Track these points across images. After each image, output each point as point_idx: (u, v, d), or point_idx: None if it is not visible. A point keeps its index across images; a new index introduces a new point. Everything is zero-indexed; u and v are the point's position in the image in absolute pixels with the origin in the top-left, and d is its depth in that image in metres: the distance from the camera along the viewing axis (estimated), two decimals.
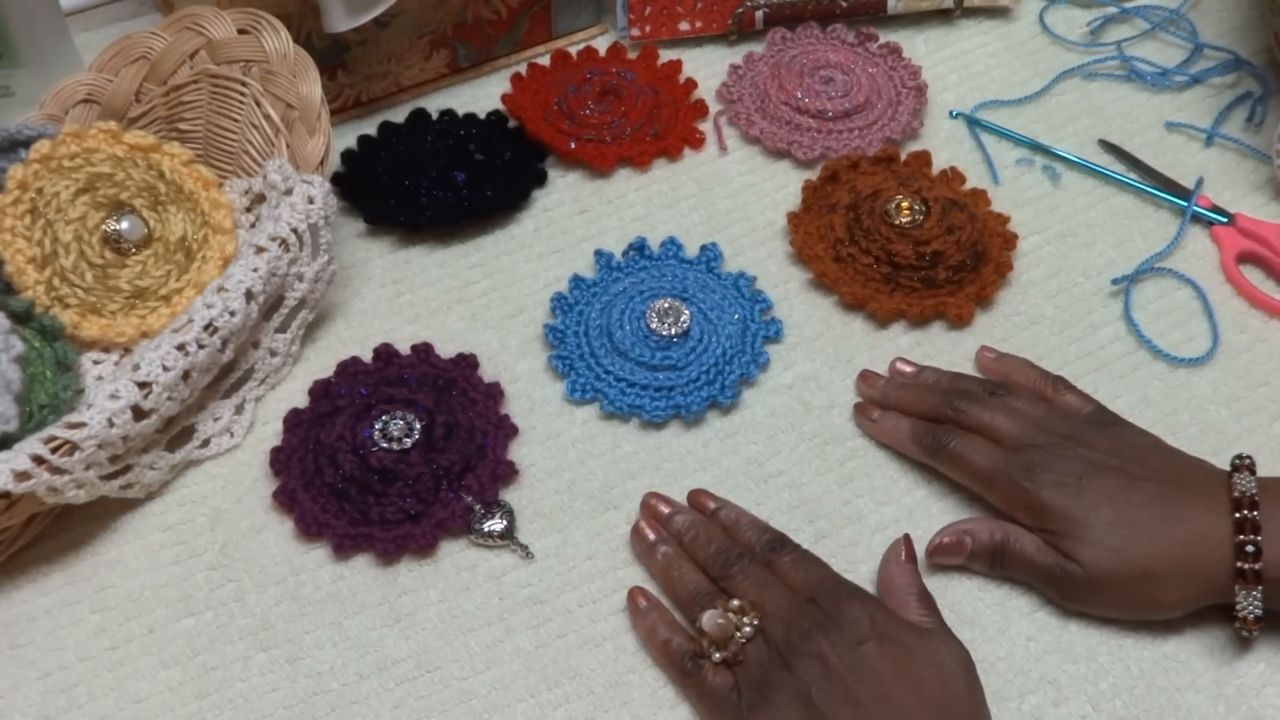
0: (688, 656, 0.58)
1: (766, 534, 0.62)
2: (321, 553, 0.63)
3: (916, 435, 0.65)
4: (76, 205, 0.69)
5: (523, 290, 0.75)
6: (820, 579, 0.58)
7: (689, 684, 0.58)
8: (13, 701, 0.58)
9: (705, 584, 0.60)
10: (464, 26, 0.83)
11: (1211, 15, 0.91)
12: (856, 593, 0.58)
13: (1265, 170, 0.81)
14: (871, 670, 0.54)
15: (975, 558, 0.62)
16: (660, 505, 0.64)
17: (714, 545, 0.61)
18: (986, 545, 0.62)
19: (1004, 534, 0.61)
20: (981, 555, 0.62)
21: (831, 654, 0.55)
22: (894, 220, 0.74)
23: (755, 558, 0.60)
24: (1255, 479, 0.59)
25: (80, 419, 0.59)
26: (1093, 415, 0.65)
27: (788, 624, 0.56)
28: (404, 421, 0.65)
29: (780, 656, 0.56)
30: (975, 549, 0.62)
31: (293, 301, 0.69)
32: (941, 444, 0.64)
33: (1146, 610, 0.60)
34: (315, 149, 0.70)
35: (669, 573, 0.61)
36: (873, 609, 0.57)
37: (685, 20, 0.87)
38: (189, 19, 0.74)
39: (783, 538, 0.61)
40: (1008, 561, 0.61)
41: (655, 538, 0.63)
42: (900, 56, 0.86)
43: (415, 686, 0.59)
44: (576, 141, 0.80)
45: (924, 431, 0.65)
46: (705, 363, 0.69)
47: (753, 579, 0.59)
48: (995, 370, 0.70)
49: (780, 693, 0.55)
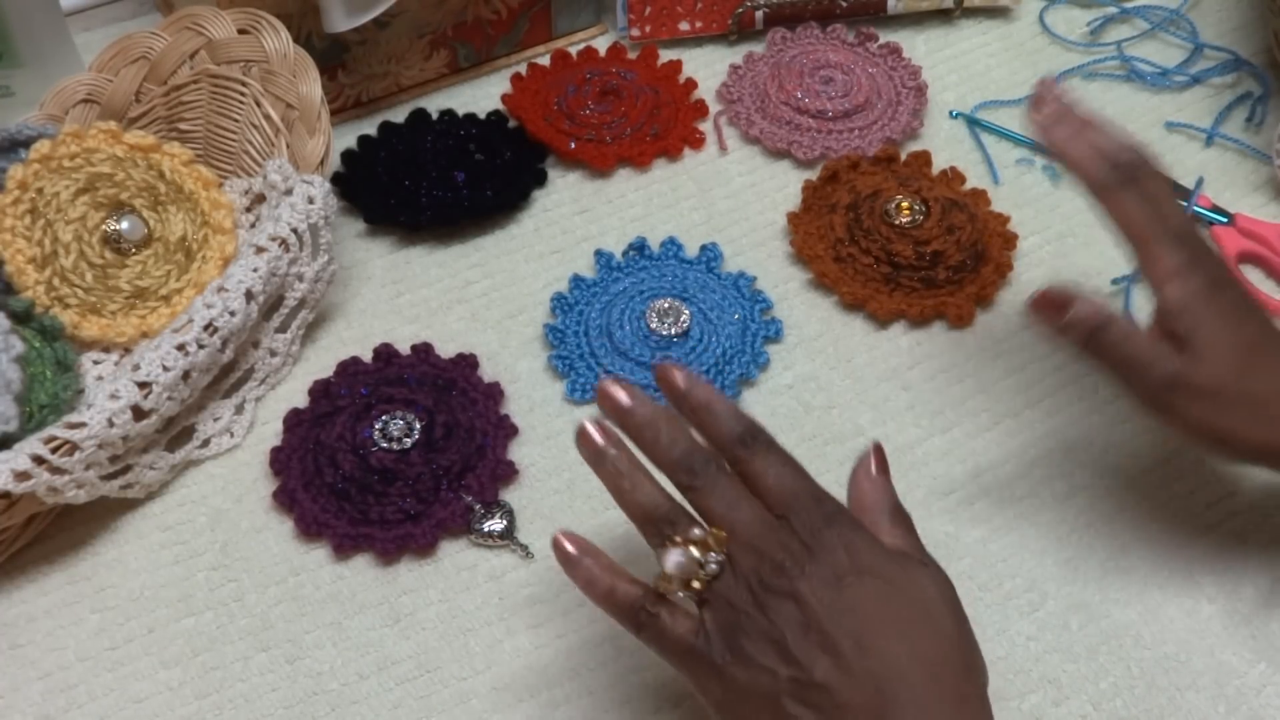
0: (639, 606, 0.51)
1: (740, 424, 0.53)
2: (321, 553, 0.63)
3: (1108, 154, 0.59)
4: (76, 205, 0.69)
5: (523, 290, 0.75)
6: (795, 492, 0.52)
7: (646, 635, 0.51)
8: (13, 701, 0.58)
9: (663, 500, 0.52)
10: (464, 26, 0.83)
11: (1211, 15, 0.91)
12: (835, 515, 0.51)
13: (1265, 170, 0.81)
14: (852, 612, 0.49)
15: (1074, 325, 0.57)
16: (619, 393, 0.54)
17: (678, 447, 0.52)
18: (1093, 313, 0.57)
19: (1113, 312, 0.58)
20: (1082, 324, 0.57)
21: (807, 593, 0.49)
22: (894, 220, 0.74)
23: (727, 456, 0.53)
24: None
25: (80, 419, 0.59)
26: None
27: (759, 553, 0.50)
28: (404, 421, 0.65)
29: (750, 594, 0.50)
30: (1079, 314, 0.57)
31: (293, 301, 0.69)
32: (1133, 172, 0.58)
33: (1224, 441, 0.57)
34: (315, 149, 0.70)
35: (620, 486, 0.53)
36: (851, 535, 0.51)
37: (685, 20, 0.87)
38: (189, 19, 0.74)
39: (755, 429, 0.53)
40: (1110, 336, 0.57)
41: (603, 442, 0.54)
42: (900, 56, 0.86)
43: (415, 686, 0.59)
44: (576, 141, 0.80)
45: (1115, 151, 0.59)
46: (705, 363, 0.69)
47: (721, 493, 0.52)
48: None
49: (751, 638, 0.49)
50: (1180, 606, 0.62)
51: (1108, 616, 0.62)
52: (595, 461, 0.54)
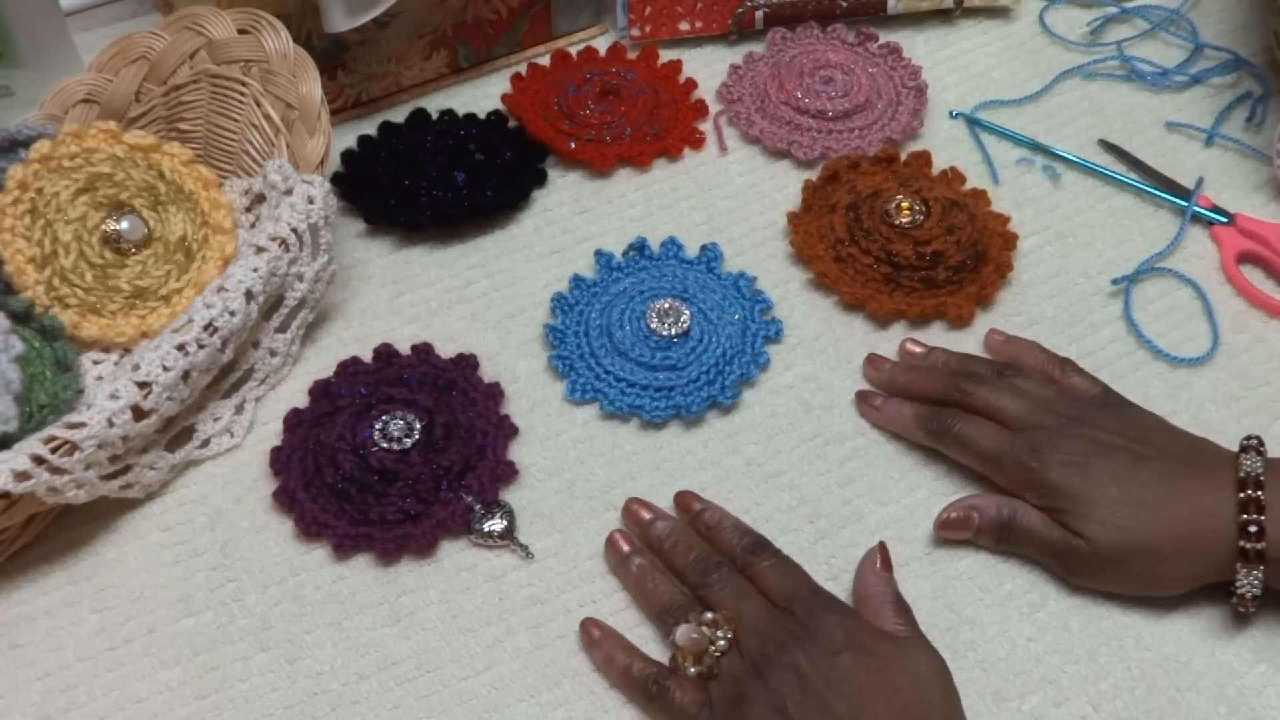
0: (651, 680, 0.57)
1: (747, 538, 0.61)
2: (321, 553, 0.63)
3: (921, 420, 0.66)
4: (76, 205, 0.69)
5: (523, 290, 0.75)
6: (797, 587, 0.58)
7: (656, 707, 0.57)
8: (13, 701, 0.58)
9: (679, 596, 0.60)
10: (464, 26, 0.83)
11: (1211, 15, 0.91)
12: (832, 604, 0.58)
13: (1265, 170, 0.81)
14: (846, 681, 0.54)
15: (982, 533, 0.62)
16: (642, 511, 0.64)
17: (693, 553, 0.61)
18: (994, 520, 0.62)
19: (1011, 509, 0.62)
20: (988, 530, 0.62)
21: (806, 665, 0.54)
22: (894, 220, 0.74)
23: (735, 564, 0.60)
24: (1263, 459, 0.59)
25: (80, 419, 0.59)
26: (1099, 396, 0.65)
27: (763, 635, 0.56)
28: (404, 421, 0.65)
29: (754, 669, 0.55)
30: (982, 524, 0.62)
31: (293, 301, 0.69)
32: (946, 427, 0.64)
33: (1150, 586, 0.60)
34: (315, 149, 0.70)
35: (643, 585, 0.61)
36: (847, 620, 0.56)
37: (685, 20, 0.87)
38: (189, 19, 0.74)
39: (763, 541, 0.61)
40: (1015, 536, 0.62)
41: (629, 549, 0.62)
42: (900, 56, 0.86)
43: (415, 686, 0.59)
44: (576, 141, 0.80)
45: (928, 416, 0.65)
46: (705, 363, 0.69)
47: (730, 589, 0.59)
48: (1003, 352, 0.70)
49: (755, 706, 0.54)
50: (1180, 607, 0.62)
51: (1108, 617, 0.62)
52: (621, 565, 0.62)
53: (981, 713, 0.59)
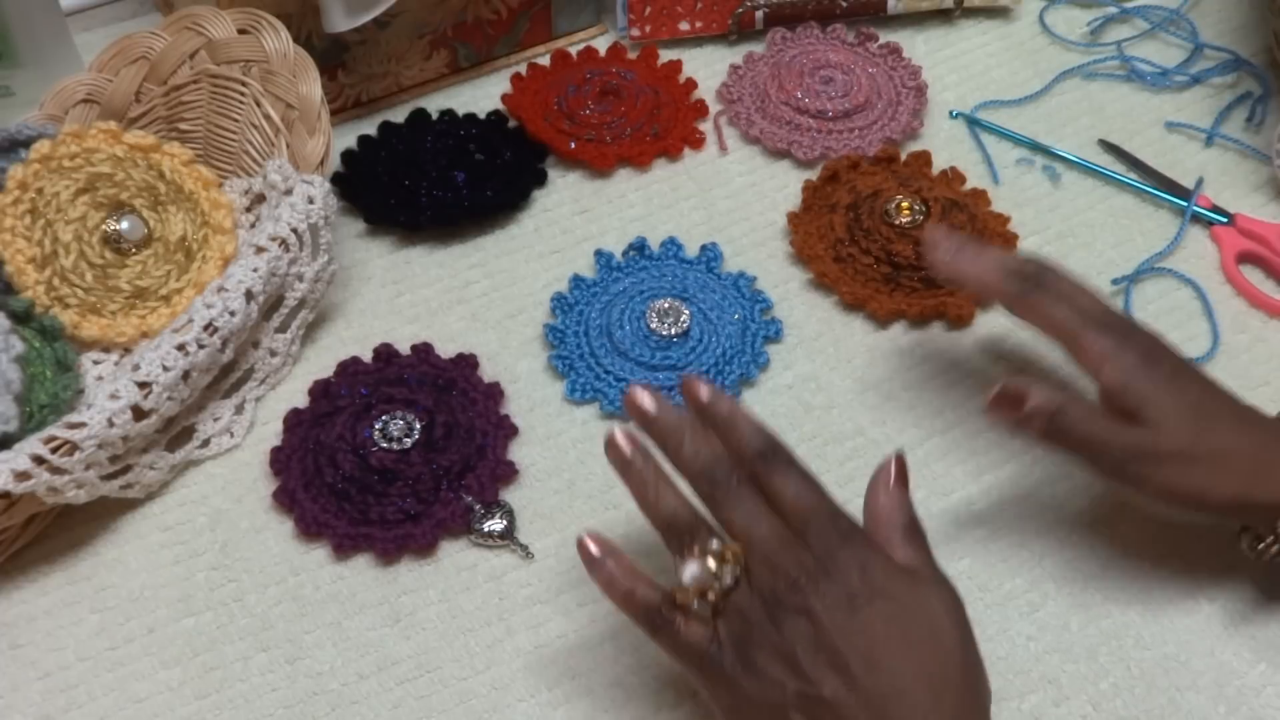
0: (656, 609, 0.53)
1: (761, 439, 0.55)
2: (321, 553, 0.63)
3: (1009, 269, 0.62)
4: (76, 205, 0.69)
5: (523, 290, 0.75)
6: (813, 506, 0.53)
7: (662, 639, 0.53)
8: (13, 701, 0.58)
9: (684, 510, 0.54)
10: (464, 26, 0.83)
11: (1211, 15, 0.91)
12: (850, 534, 0.52)
13: (1265, 170, 0.81)
14: (862, 633, 0.50)
15: (1033, 417, 0.58)
16: (646, 400, 0.56)
17: (702, 456, 0.54)
18: (1046, 403, 0.58)
19: (1066, 396, 0.59)
20: (1041, 412, 0.58)
21: (820, 611, 0.50)
22: (894, 220, 0.74)
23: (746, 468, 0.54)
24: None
25: (80, 419, 0.59)
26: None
27: (774, 568, 0.52)
28: (404, 421, 0.65)
29: (765, 607, 0.51)
30: (1036, 405, 0.58)
31: (293, 301, 0.69)
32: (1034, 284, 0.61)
33: (1197, 499, 0.58)
34: (315, 149, 0.70)
35: (645, 494, 0.55)
36: (865, 555, 0.52)
37: (685, 20, 0.87)
38: (189, 19, 0.74)
39: (776, 445, 0.55)
40: (1068, 421, 0.58)
41: (630, 450, 0.55)
42: (900, 56, 0.86)
43: (415, 686, 0.59)
44: (576, 141, 0.80)
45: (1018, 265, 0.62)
46: (705, 363, 0.69)
47: (740, 504, 0.53)
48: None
49: (763, 651, 0.51)
50: (1180, 606, 0.62)
51: (1108, 616, 0.62)
52: (622, 469, 0.56)
53: None
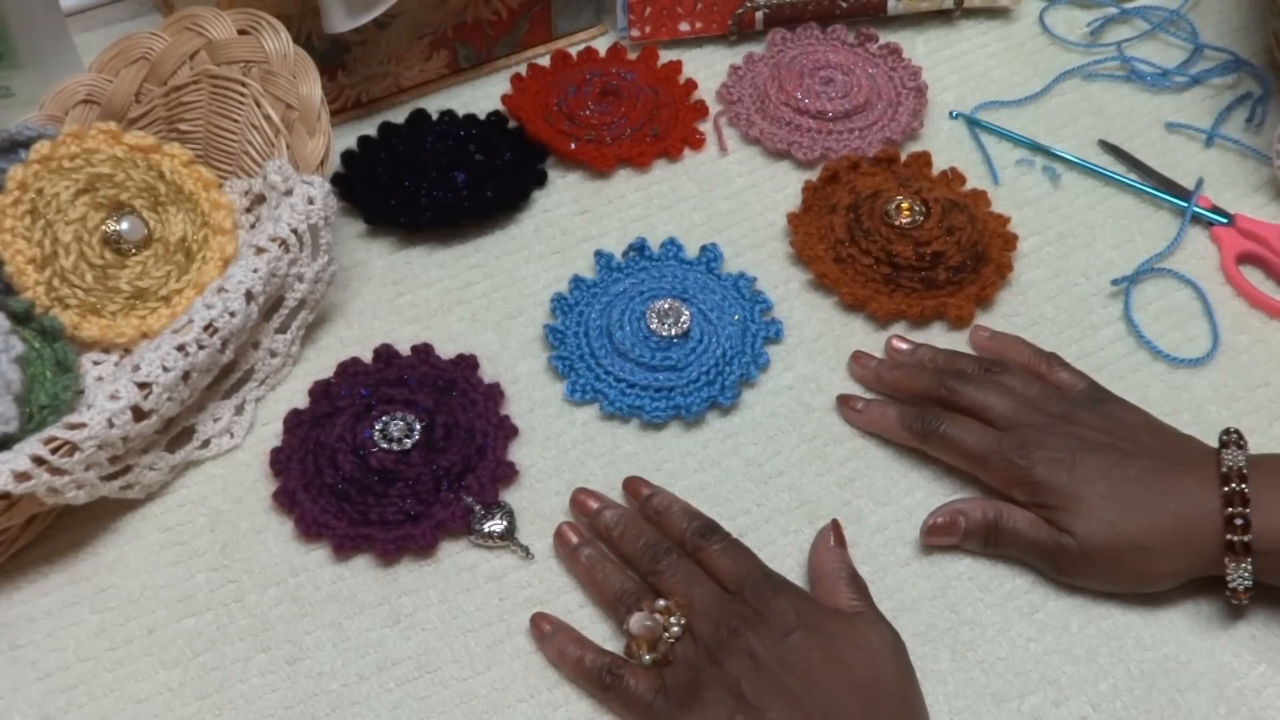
0: (605, 669, 0.57)
1: (696, 521, 0.61)
2: (321, 553, 0.63)
3: (905, 421, 0.66)
4: (76, 206, 0.69)
5: (523, 291, 0.75)
6: (748, 570, 0.58)
7: (611, 696, 0.57)
8: (13, 702, 0.58)
9: (630, 584, 0.60)
10: (464, 27, 0.83)
11: (1211, 15, 0.91)
12: (782, 585, 0.58)
13: (1265, 170, 0.81)
14: (800, 660, 0.54)
15: (969, 537, 0.63)
16: (589, 500, 0.64)
17: (642, 540, 0.61)
18: (980, 524, 0.62)
19: (997, 512, 0.62)
20: (975, 534, 0.62)
21: (759, 647, 0.55)
22: (894, 221, 0.74)
23: (685, 549, 0.60)
24: (1244, 454, 0.60)
25: (80, 419, 0.59)
26: (1085, 392, 0.66)
27: (716, 620, 0.57)
28: (404, 422, 0.65)
29: (709, 653, 0.56)
30: (969, 528, 0.62)
31: (293, 302, 0.69)
32: (931, 428, 0.64)
33: (1138, 582, 0.61)
34: (315, 149, 0.70)
35: (593, 575, 0.61)
36: (798, 600, 0.57)
37: (685, 21, 0.87)
38: (189, 19, 0.74)
39: (711, 525, 0.61)
40: (1002, 539, 0.62)
41: (577, 540, 0.62)
42: (900, 57, 0.86)
43: (415, 687, 0.59)
44: (576, 142, 0.80)
45: (913, 417, 0.65)
46: (705, 363, 0.69)
47: (680, 574, 0.59)
48: (989, 348, 0.70)
49: (711, 689, 0.55)
50: (1180, 607, 0.62)
51: (1108, 617, 0.62)
52: (571, 556, 0.62)
53: (981, 713, 0.59)
